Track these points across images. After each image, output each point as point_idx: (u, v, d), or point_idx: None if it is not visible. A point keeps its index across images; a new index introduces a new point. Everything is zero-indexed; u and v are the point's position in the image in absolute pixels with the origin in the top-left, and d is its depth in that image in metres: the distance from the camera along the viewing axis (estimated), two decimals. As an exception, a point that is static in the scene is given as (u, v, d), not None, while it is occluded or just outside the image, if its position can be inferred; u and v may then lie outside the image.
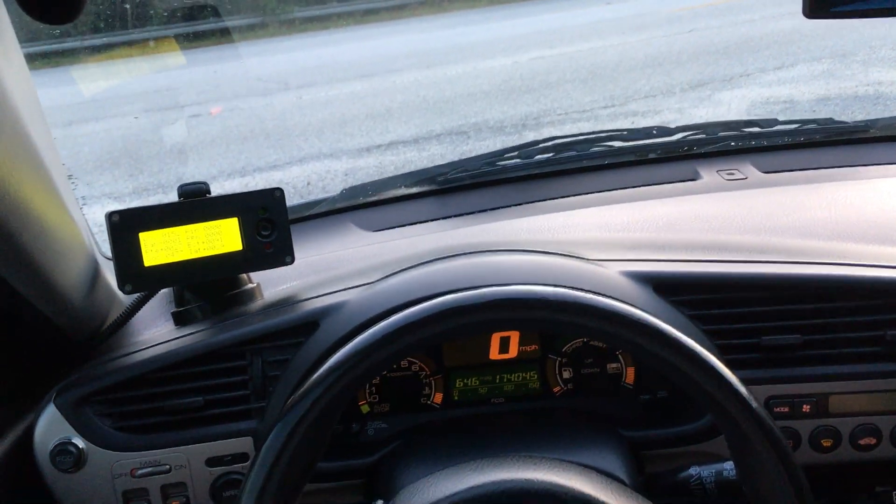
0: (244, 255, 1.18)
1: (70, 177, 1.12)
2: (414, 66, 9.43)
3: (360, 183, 1.67)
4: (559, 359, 1.22)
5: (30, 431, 1.07)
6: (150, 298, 1.20)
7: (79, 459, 1.07)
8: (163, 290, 1.28)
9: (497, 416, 1.21)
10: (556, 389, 1.23)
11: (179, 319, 1.21)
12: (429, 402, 1.22)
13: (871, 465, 1.15)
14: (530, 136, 5.52)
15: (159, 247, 1.13)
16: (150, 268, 1.13)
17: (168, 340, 1.14)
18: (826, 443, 1.11)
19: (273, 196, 1.19)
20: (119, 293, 1.18)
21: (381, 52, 10.84)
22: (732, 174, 1.54)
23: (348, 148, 6.01)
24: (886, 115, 5.22)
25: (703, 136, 1.63)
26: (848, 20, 0.94)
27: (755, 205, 1.38)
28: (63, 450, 1.06)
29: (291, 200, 1.32)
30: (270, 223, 1.19)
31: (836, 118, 1.75)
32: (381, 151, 5.81)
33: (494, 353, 1.22)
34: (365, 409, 1.22)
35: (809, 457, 1.12)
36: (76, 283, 1.08)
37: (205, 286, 1.21)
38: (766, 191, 1.45)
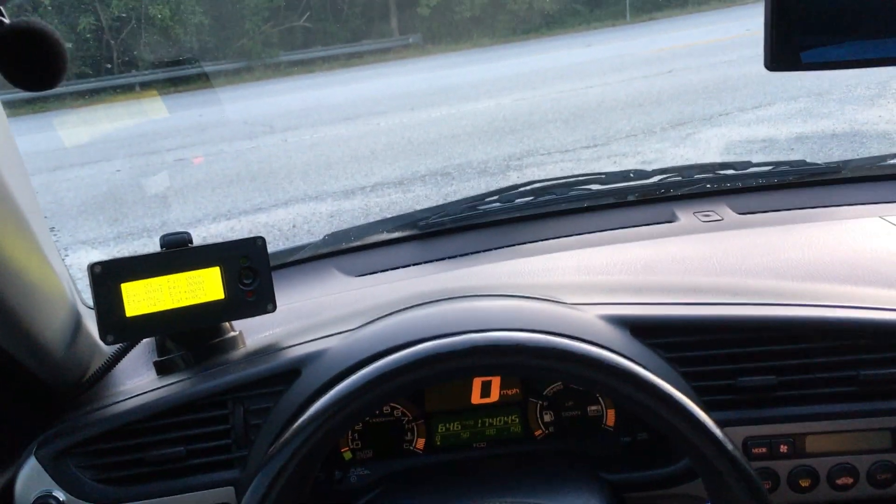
0: (226, 303, 1.19)
1: (52, 228, 1.13)
2: (398, 108, 9.54)
3: (344, 226, 1.69)
4: (540, 402, 1.23)
5: (10, 484, 1.07)
6: (131, 349, 1.20)
7: None
8: (145, 340, 1.28)
9: (479, 460, 1.21)
10: (537, 433, 1.23)
11: (161, 369, 1.21)
12: (411, 448, 1.23)
13: None
14: (514, 176, 5.59)
15: (141, 297, 1.14)
16: (131, 318, 1.14)
17: (150, 390, 1.14)
18: (804, 483, 1.12)
19: (255, 244, 1.20)
20: (101, 343, 1.18)
21: (365, 95, 10.97)
22: (709, 216, 1.56)
23: (333, 190, 6.04)
24: (863, 152, 5.31)
25: (680, 178, 1.65)
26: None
27: (731, 246, 1.40)
28: (44, 503, 1.06)
29: (277, 243, 1.33)
30: (252, 271, 1.20)
31: (814, 156, 1.79)
32: (365, 193, 5.85)
33: (476, 398, 1.22)
34: (347, 455, 1.22)
35: (788, 497, 1.13)
36: (58, 335, 1.08)
37: (187, 335, 1.21)
38: (741, 232, 1.48)
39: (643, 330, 1.13)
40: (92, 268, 1.12)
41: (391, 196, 5.68)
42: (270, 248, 1.23)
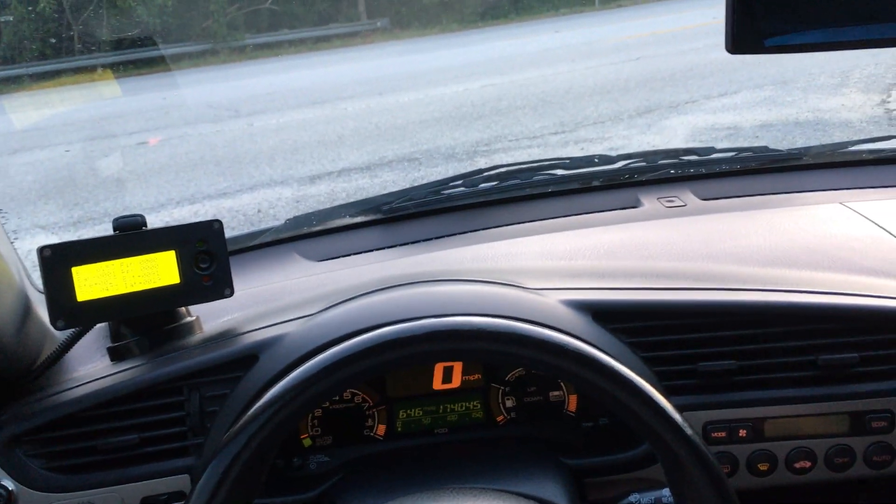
0: (182, 288, 1.16)
1: (-1, 210, 1.10)
2: (366, 93, 9.47)
3: (308, 211, 1.66)
4: (502, 388, 1.22)
5: None
6: (84, 334, 1.17)
7: (8, 502, 1.03)
8: (99, 325, 1.25)
9: (441, 446, 1.20)
10: (499, 418, 1.23)
11: (115, 355, 1.19)
12: (372, 434, 1.21)
13: (806, 488, 1.17)
14: (482, 162, 5.59)
15: (93, 281, 1.11)
16: (83, 303, 1.11)
17: (103, 377, 1.12)
18: (762, 467, 1.13)
19: (212, 228, 1.18)
20: (52, 329, 1.15)
21: (332, 80, 10.87)
22: (672, 201, 1.56)
23: (300, 175, 5.99)
24: (825, 139, 5.38)
25: (644, 164, 1.66)
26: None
27: (693, 232, 1.40)
28: None
29: (242, 228, 1.31)
30: (209, 255, 1.17)
31: (778, 143, 1.81)
32: (332, 178, 5.80)
33: (438, 383, 1.21)
34: (307, 442, 1.21)
35: (747, 481, 1.13)
36: (6, 321, 1.05)
37: (141, 320, 1.18)
38: (704, 218, 1.48)
39: (605, 315, 1.13)
40: (41, 251, 1.08)
41: (358, 181, 5.64)
42: (236, 233, 1.20)
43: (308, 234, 1.58)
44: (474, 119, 7.37)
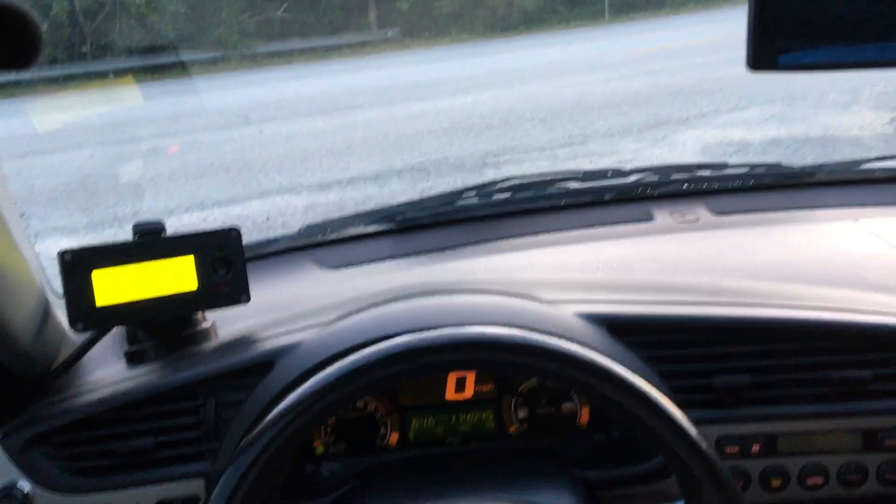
0: (199, 294, 1.17)
1: (22, 214, 1.11)
2: (375, 102, 9.50)
3: (320, 219, 1.67)
4: (515, 398, 1.23)
5: None
6: (101, 337, 1.18)
7: (25, 503, 1.04)
8: (116, 329, 1.26)
9: (452, 456, 1.21)
10: (511, 429, 1.23)
11: (132, 359, 1.20)
12: (384, 443, 1.22)
13: None
14: (490, 173, 5.59)
15: (112, 285, 1.12)
16: (102, 307, 1.12)
17: (120, 381, 1.13)
18: (775, 482, 1.13)
19: (229, 235, 1.19)
20: (70, 332, 1.16)
21: (342, 89, 10.91)
22: (685, 216, 1.57)
23: (309, 183, 6.01)
24: (835, 157, 5.38)
25: (657, 178, 1.66)
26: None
27: (707, 247, 1.41)
28: (8, 493, 1.03)
29: (250, 235, 1.31)
30: (226, 262, 1.18)
31: (788, 160, 1.81)
32: (341, 187, 5.82)
33: (451, 393, 1.22)
34: (320, 449, 1.21)
35: (759, 497, 1.13)
36: (26, 323, 1.06)
37: (158, 325, 1.19)
38: (717, 233, 1.49)
39: (620, 328, 1.13)
40: (62, 255, 1.10)
41: (367, 190, 5.66)
42: (246, 240, 1.21)
43: (322, 243, 1.58)
44: (483, 130, 7.39)
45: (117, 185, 6.44)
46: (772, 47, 0.91)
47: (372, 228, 1.60)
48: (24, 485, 1.04)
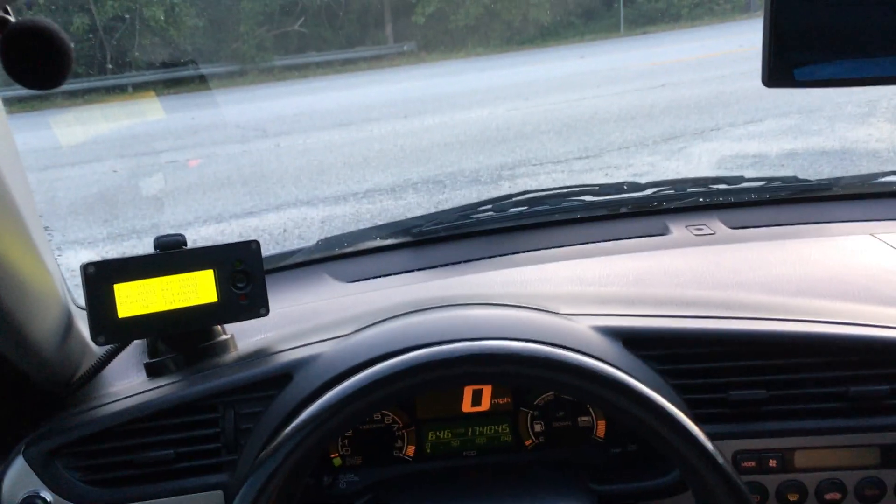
0: (219, 306, 1.18)
1: (46, 228, 1.13)
2: (391, 115, 9.54)
3: (336, 232, 1.69)
4: (531, 412, 1.23)
5: None
6: (122, 349, 1.20)
7: None
8: (136, 341, 1.28)
9: (469, 469, 1.21)
10: (527, 442, 1.23)
11: (152, 371, 1.21)
12: (401, 455, 1.23)
13: None
14: (506, 186, 5.60)
15: (134, 298, 1.14)
16: (123, 319, 1.13)
17: (140, 392, 1.14)
18: (792, 497, 1.12)
19: (249, 248, 1.20)
20: (92, 343, 1.18)
21: (358, 102, 10.96)
22: (701, 229, 1.57)
23: (325, 196, 6.03)
24: (852, 170, 5.35)
25: (673, 191, 1.67)
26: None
27: (722, 260, 1.41)
28: (31, 503, 1.05)
29: (267, 248, 1.33)
30: (246, 275, 1.20)
31: (804, 173, 1.81)
32: (357, 199, 5.84)
33: (467, 406, 1.23)
34: (337, 461, 1.22)
35: None
36: (49, 335, 1.08)
37: (178, 337, 1.21)
38: (733, 247, 1.49)
39: (636, 342, 1.13)
40: (85, 268, 1.11)
41: (383, 203, 5.68)
42: (262, 253, 1.23)
43: (339, 256, 1.60)
44: (499, 143, 7.40)
45: (136, 198, 6.50)
46: (788, 62, 0.92)
47: (388, 242, 1.61)
48: (47, 495, 1.06)
